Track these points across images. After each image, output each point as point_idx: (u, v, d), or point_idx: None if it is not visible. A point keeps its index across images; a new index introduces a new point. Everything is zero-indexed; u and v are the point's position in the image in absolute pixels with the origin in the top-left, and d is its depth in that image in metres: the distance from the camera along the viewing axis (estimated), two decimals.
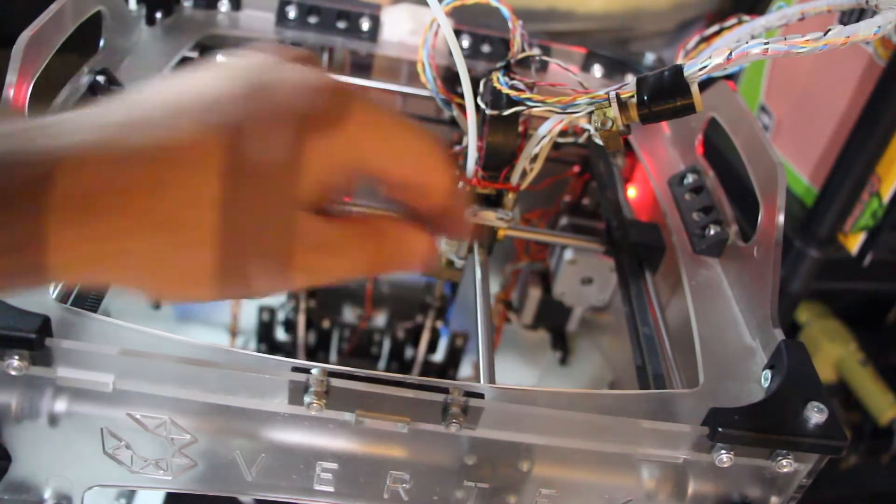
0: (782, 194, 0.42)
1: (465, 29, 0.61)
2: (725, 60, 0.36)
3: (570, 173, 0.63)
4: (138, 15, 0.56)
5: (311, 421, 0.35)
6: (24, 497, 0.36)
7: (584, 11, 0.84)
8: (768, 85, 0.83)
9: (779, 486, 0.36)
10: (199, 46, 0.58)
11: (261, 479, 0.36)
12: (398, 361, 0.80)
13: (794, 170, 0.80)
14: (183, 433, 0.35)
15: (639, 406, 0.37)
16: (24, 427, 0.34)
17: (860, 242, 0.76)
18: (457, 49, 0.43)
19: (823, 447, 0.35)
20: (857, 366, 0.90)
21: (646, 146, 0.57)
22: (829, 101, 0.75)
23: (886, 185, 0.73)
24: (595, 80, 0.64)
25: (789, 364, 0.37)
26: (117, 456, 0.35)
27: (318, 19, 0.61)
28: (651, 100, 0.38)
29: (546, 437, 0.35)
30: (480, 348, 0.40)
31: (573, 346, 0.74)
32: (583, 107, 0.40)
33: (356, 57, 0.64)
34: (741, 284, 0.45)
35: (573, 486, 0.37)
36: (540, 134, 0.45)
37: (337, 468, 0.36)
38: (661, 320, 0.45)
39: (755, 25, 0.50)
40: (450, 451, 0.36)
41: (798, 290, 0.79)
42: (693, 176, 0.52)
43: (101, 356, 0.33)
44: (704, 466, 0.36)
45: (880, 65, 0.69)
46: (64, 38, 0.44)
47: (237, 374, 0.33)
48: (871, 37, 0.34)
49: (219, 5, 0.61)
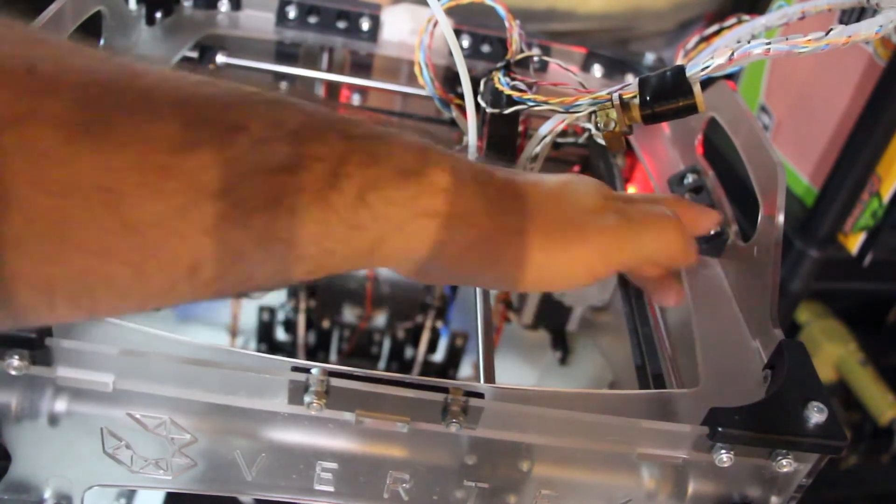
0: (782, 194, 0.42)
1: (464, 29, 0.61)
2: (727, 61, 0.36)
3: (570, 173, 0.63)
4: (138, 15, 0.55)
5: (311, 421, 0.35)
6: (24, 497, 0.36)
7: (583, 11, 0.84)
8: (768, 85, 0.83)
9: (779, 486, 0.36)
10: (199, 46, 0.58)
11: (261, 479, 0.36)
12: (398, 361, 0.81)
13: (794, 170, 0.80)
14: (183, 433, 0.35)
15: (639, 406, 0.37)
16: (24, 427, 0.34)
17: (860, 242, 0.76)
18: (457, 49, 0.43)
19: (823, 447, 0.35)
20: (857, 366, 0.90)
21: (646, 146, 0.57)
22: (829, 101, 0.75)
23: (886, 185, 0.73)
24: (595, 80, 0.64)
25: (789, 364, 0.37)
26: (117, 456, 0.35)
27: (318, 19, 0.61)
28: (653, 100, 0.38)
29: (546, 437, 0.35)
30: (480, 348, 0.40)
31: (573, 346, 0.74)
32: (585, 107, 0.40)
33: (356, 57, 0.64)
34: (741, 284, 0.45)
35: (573, 485, 0.37)
36: (541, 134, 0.45)
37: (337, 468, 0.36)
38: (660, 320, 0.45)
39: (755, 25, 0.49)
40: (450, 451, 0.36)
41: (798, 290, 0.79)
42: (693, 176, 0.52)
43: (101, 356, 0.33)
44: (704, 466, 0.36)
45: (880, 65, 0.69)
46: (64, 38, 0.44)
47: (237, 374, 0.33)
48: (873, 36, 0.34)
49: (219, 5, 0.61)
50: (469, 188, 0.31)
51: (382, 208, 0.28)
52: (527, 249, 0.33)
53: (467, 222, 0.31)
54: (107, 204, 0.23)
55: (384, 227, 0.29)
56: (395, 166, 0.29)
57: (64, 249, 0.23)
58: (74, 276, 0.24)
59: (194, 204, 0.24)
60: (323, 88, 0.64)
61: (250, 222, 0.26)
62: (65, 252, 0.23)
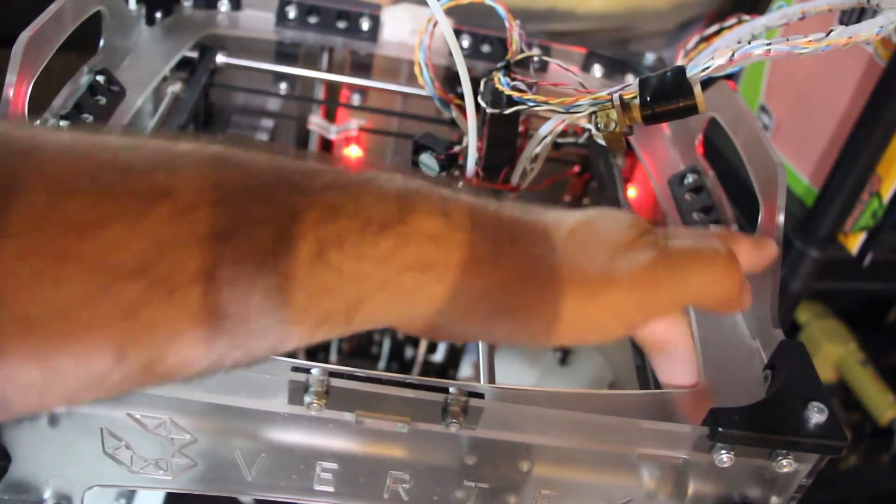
0: (782, 194, 0.42)
1: (464, 29, 0.61)
2: (728, 61, 0.36)
3: (571, 173, 0.63)
4: (138, 15, 0.55)
5: (311, 421, 0.34)
6: (24, 497, 0.36)
7: (583, 11, 0.84)
8: (768, 85, 0.83)
9: (779, 486, 0.36)
10: (199, 46, 0.58)
11: (261, 479, 0.36)
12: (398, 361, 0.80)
13: (794, 170, 0.80)
14: (183, 433, 0.35)
15: (639, 406, 0.37)
16: (24, 427, 0.34)
17: (860, 242, 0.76)
18: (457, 49, 0.43)
19: (823, 447, 0.35)
20: (857, 366, 0.90)
21: (646, 146, 0.57)
22: (829, 101, 0.75)
23: (886, 185, 0.73)
24: (595, 80, 0.64)
25: (789, 364, 0.37)
26: (117, 456, 0.35)
27: (318, 19, 0.61)
28: (654, 101, 0.38)
29: (546, 437, 0.35)
30: (480, 348, 0.40)
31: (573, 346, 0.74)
32: (585, 107, 0.40)
33: (356, 57, 0.64)
34: None
35: (573, 486, 0.37)
36: (541, 134, 0.45)
37: (337, 468, 0.36)
38: None
39: (755, 25, 0.49)
40: (450, 451, 0.36)
41: (798, 290, 0.79)
42: (693, 176, 0.52)
43: None
44: (704, 466, 0.36)
45: (880, 65, 0.69)
46: (64, 38, 0.44)
47: (237, 374, 0.33)
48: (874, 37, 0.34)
49: (219, 5, 0.61)
50: (467, 232, 0.28)
51: (353, 267, 0.25)
52: (545, 298, 0.29)
53: (470, 272, 0.27)
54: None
55: (360, 287, 0.26)
56: (366, 219, 0.25)
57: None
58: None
59: (103, 289, 0.22)
60: (323, 88, 0.64)
61: (175, 300, 0.23)
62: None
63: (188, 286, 0.23)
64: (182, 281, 0.23)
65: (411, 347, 0.80)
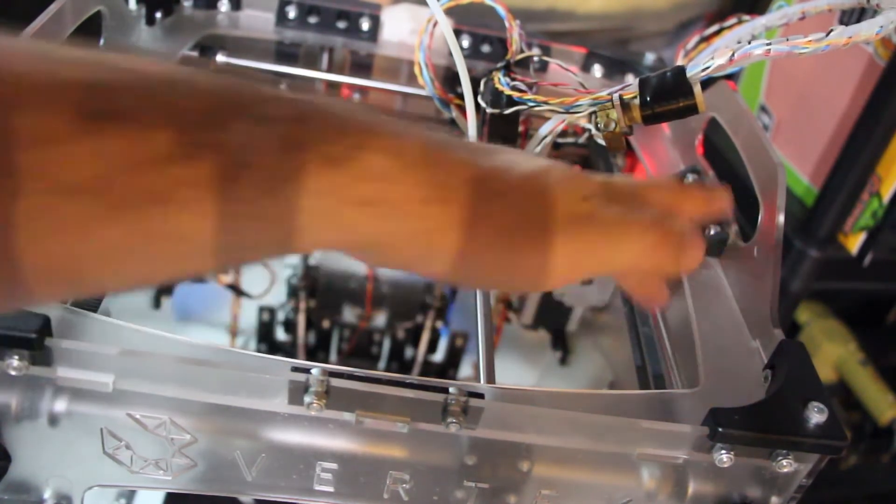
0: (782, 194, 0.42)
1: (464, 29, 0.61)
2: (728, 61, 0.36)
3: None
4: (138, 15, 0.55)
5: (311, 421, 0.35)
6: (24, 497, 0.36)
7: (583, 11, 0.84)
8: (768, 85, 0.83)
9: (779, 486, 0.36)
10: (199, 46, 0.58)
11: (261, 479, 0.36)
12: (398, 361, 0.81)
13: (794, 170, 0.80)
14: (183, 433, 0.35)
15: (639, 406, 0.37)
16: (24, 427, 0.34)
17: (860, 242, 0.76)
18: (456, 49, 0.43)
19: (823, 447, 0.35)
20: (857, 366, 0.90)
21: (646, 146, 0.57)
22: (829, 101, 0.75)
23: (886, 185, 0.73)
24: (595, 80, 0.64)
25: (789, 364, 0.37)
26: (117, 456, 0.35)
27: (318, 19, 0.61)
28: (654, 101, 0.38)
29: (546, 437, 0.35)
30: (480, 348, 0.40)
31: (573, 346, 0.74)
32: (585, 107, 0.40)
33: (356, 57, 0.64)
34: (741, 284, 0.45)
35: (573, 486, 0.37)
36: (541, 134, 0.45)
37: (337, 468, 0.36)
38: (660, 320, 0.45)
39: (755, 25, 0.49)
40: (450, 451, 0.36)
41: (798, 290, 0.79)
42: (693, 176, 0.52)
43: (100, 356, 0.33)
44: (704, 466, 0.36)
45: (880, 65, 0.69)
46: (64, 38, 0.44)
47: (237, 374, 0.33)
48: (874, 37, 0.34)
49: (219, 5, 0.61)
50: (412, 173, 0.28)
51: (301, 200, 0.26)
52: (467, 244, 0.29)
53: (404, 212, 0.28)
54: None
55: (304, 218, 0.27)
56: (321, 153, 0.26)
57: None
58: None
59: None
60: (323, 88, 0.64)
61: (124, 217, 0.24)
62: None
63: (135, 209, 0.24)
64: (132, 202, 0.24)
65: (411, 347, 0.80)
